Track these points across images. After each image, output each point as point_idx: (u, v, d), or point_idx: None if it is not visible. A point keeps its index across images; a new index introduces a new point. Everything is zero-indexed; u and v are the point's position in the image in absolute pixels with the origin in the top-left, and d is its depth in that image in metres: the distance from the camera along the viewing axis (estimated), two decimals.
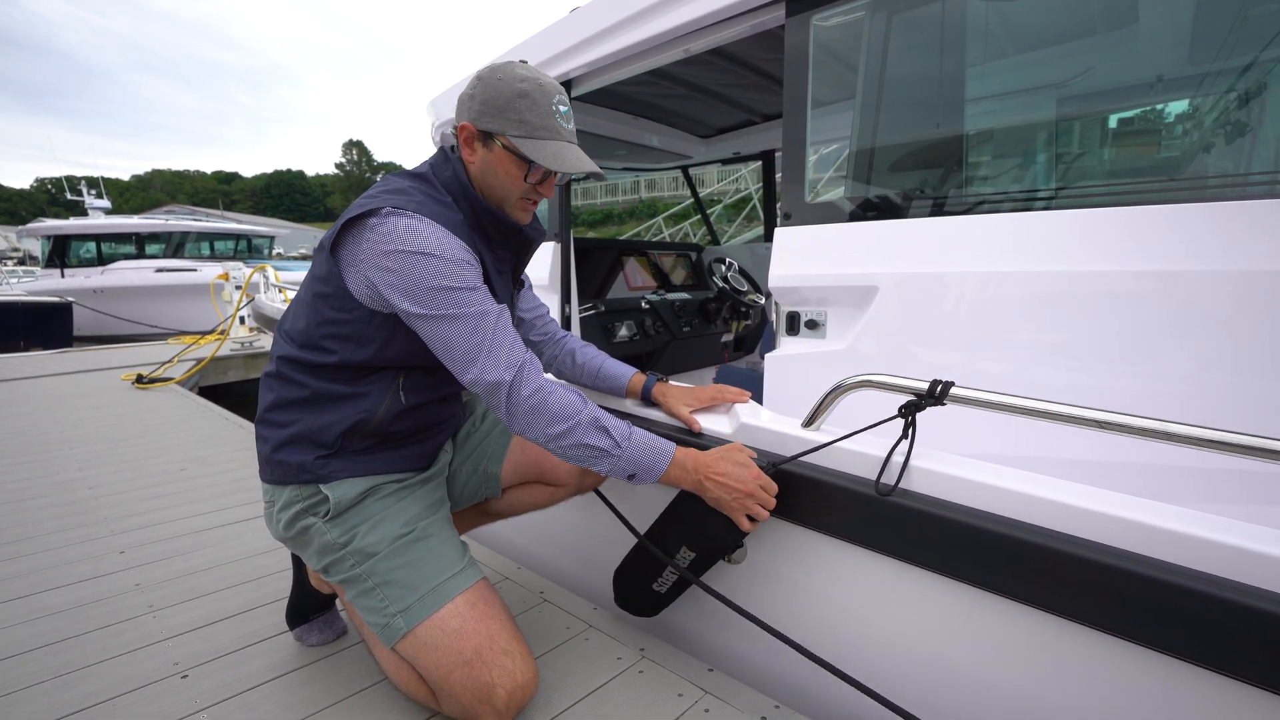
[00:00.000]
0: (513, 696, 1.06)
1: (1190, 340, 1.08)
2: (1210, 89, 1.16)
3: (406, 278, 1.02)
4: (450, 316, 1.03)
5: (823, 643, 1.18)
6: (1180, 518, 0.84)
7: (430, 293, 1.02)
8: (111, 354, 6.36)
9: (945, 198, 1.46)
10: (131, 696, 1.22)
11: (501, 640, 1.08)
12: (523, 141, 1.08)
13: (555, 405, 1.05)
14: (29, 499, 2.33)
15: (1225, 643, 0.76)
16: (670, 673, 1.26)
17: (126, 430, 3.38)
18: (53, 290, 11.85)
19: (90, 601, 1.59)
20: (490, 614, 1.11)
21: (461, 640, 1.05)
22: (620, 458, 1.07)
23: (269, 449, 1.14)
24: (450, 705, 1.07)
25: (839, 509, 1.12)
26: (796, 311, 1.63)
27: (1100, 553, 0.85)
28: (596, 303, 2.97)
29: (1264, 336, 1.01)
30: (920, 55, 1.48)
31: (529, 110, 1.08)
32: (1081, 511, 0.89)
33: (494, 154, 1.12)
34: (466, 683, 1.04)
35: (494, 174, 1.14)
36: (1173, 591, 0.79)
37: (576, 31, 2.11)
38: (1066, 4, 1.30)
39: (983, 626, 1.00)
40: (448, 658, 1.05)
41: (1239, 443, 0.80)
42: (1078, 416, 0.92)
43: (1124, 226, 1.15)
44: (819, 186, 1.69)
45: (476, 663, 1.04)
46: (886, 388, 1.09)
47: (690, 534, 1.21)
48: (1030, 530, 0.91)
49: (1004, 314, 1.26)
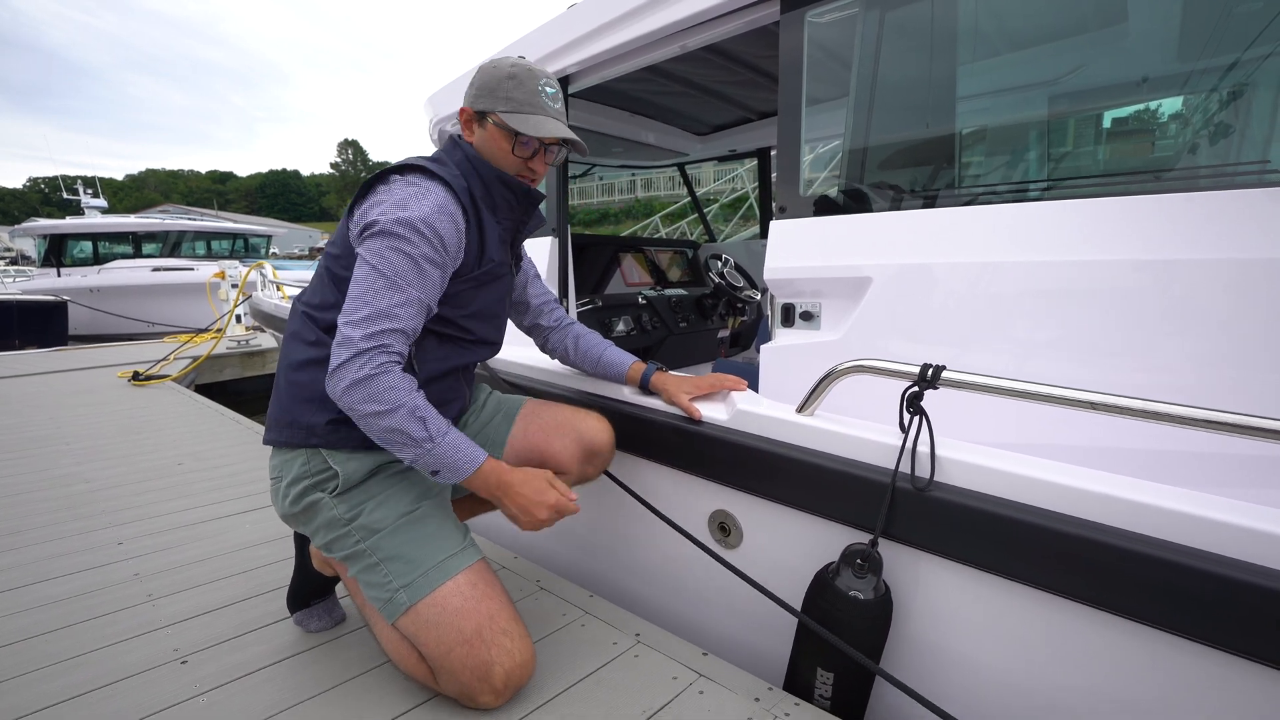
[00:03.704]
0: (510, 676, 1.08)
1: (1181, 328, 1.10)
2: (1197, 86, 1.18)
3: (380, 223, 1.08)
4: (373, 266, 1.07)
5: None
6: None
7: (382, 239, 1.08)
8: (107, 352, 6.34)
9: (937, 191, 1.48)
10: (131, 681, 1.23)
11: (501, 620, 1.10)
12: (509, 116, 1.19)
13: (381, 388, 1.04)
14: (24, 492, 2.33)
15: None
16: (665, 656, 1.28)
17: (123, 426, 3.38)
18: (49, 289, 11.80)
19: (89, 591, 1.60)
20: (491, 594, 1.13)
21: (462, 618, 1.07)
22: (428, 451, 1.07)
23: (280, 410, 1.17)
24: (448, 683, 1.09)
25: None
26: (791, 303, 1.65)
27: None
28: (594, 298, 2.99)
29: (1255, 324, 1.02)
30: (912, 51, 1.50)
31: (516, 89, 1.19)
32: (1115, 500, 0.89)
33: (487, 131, 1.22)
34: (466, 660, 1.06)
35: (489, 150, 1.23)
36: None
37: (574, 28, 2.12)
38: (1056, 2, 1.32)
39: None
40: (449, 635, 1.06)
41: (1230, 421, 0.81)
42: (1067, 398, 0.94)
43: (1113, 216, 1.17)
44: (814, 181, 1.71)
45: (476, 641, 1.06)
46: (879, 372, 1.11)
47: (820, 654, 1.15)
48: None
49: (995, 304, 1.28)
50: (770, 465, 1.25)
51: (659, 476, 1.48)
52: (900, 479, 1.06)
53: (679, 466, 1.44)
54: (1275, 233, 1.01)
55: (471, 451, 1.12)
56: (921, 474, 1.05)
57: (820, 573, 1.14)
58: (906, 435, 1.07)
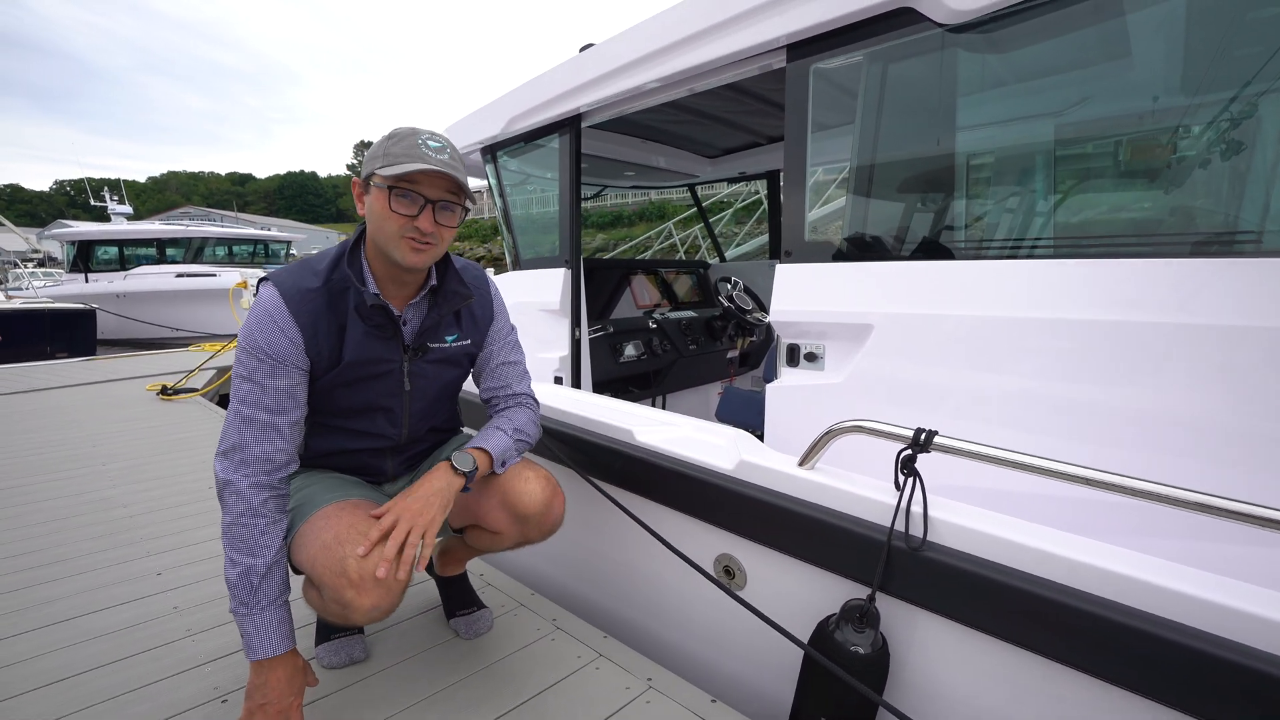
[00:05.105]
0: (363, 565, 1.08)
1: (1153, 387, 1.14)
2: (1197, 141, 1.22)
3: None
4: (234, 380, 1.19)
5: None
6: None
7: (235, 364, 1.20)
8: (136, 362, 6.55)
9: (937, 243, 1.52)
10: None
11: (361, 524, 1.15)
12: (384, 169, 1.13)
13: (239, 535, 1.15)
14: (67, 517, 2.45)
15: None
16: (675, 703, 1.34)
17: (155, 445, 3.52)
18: (77, 295, 12.16)
19: (132, 625, 1.69)
20: (355, 512, 1.19)
21: (324, 531, 1.14)
22: (237, 612, 1.16)
23: None
24: (325, 595, 1.12)
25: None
26: (796, 344, 1.70)
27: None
28: (605, 324, 3.05)
29: (1250, 385, 1.06)
30: (913, 106, 1.54)
31: (394, 145, 1.16)
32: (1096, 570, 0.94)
33: (372, 195, 1.17)
34: (327, 564, 1.10)
35: (375, 217, 1.18)
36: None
37: (586, 70, 2.18)
38: (1055, 60, 1.35)
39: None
40: (313, 547, 1.13)
41: (1219, 506, 0.85)
42: (1053, 470, 0.98)
43: (1105, 278, 1.21)
44: (819, 228, 1.76)
45: (334, 544, 1.11)
46: (875, 433, 1.16)
47: (823, 704, 1.19)
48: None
49: (992, 355, 1.33)
50: (772, 516, 1.31)
51: (666, 518, 1.54)
52: (895, 538, 1.12)
53: (685, 511, 1.50)
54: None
55: (265, 644, 1.16)
56: (915, 533, 1.10)
57: (821, 624, 1.20)
58: (901, 495, 1.12)
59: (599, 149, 3.18)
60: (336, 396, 1.28)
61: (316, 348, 1.20)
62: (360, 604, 1.09)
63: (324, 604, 1.15)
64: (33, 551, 2.13)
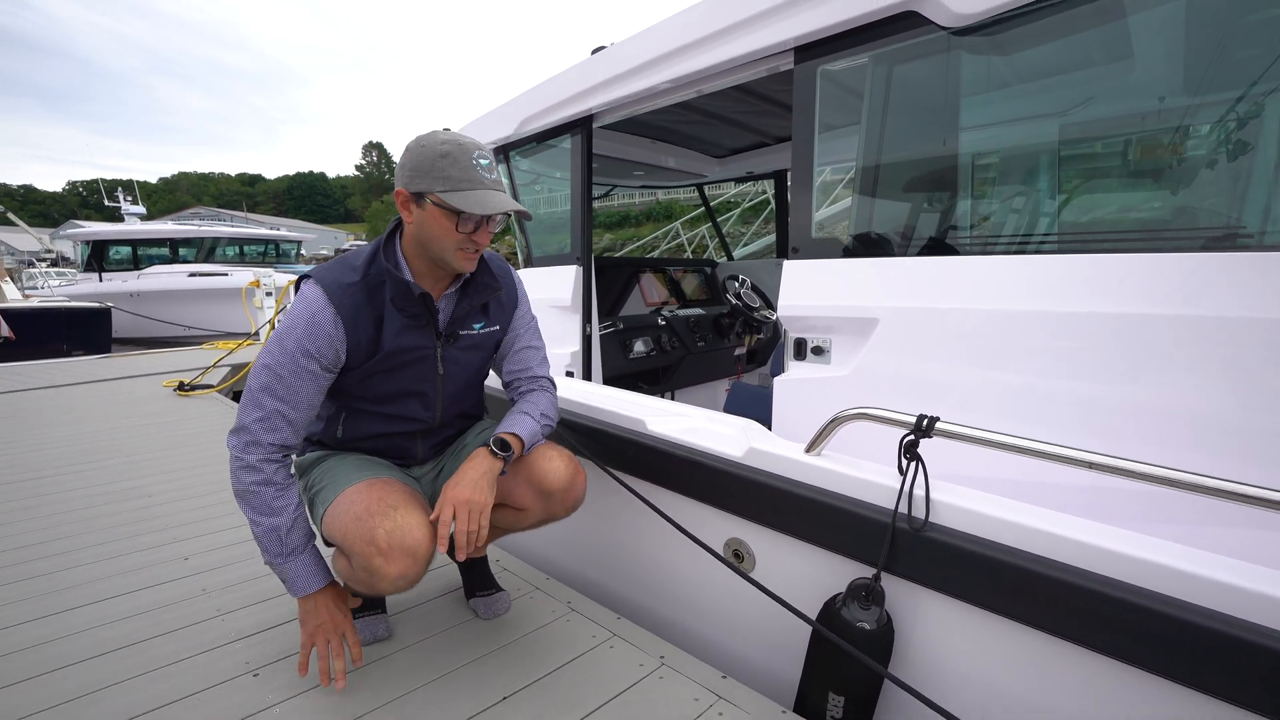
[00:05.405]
0: (392, 535, 1.18)
1: (1153, 377, 1.19)
2: (1200, 140, 1.26)
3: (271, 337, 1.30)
4: (259, 364, 1.27)
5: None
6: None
7: (263, 353, 1.29)
8: (152, 359, 6.66)
9: (941, 239, 1.57)
10: (209, 693, 1.38)
11: (390, 499, 1.24)
12: (448, 194, 1.21)
13: (256, 500, 1.26)
14: (100, 504, 2.54)
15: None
16: (687, 679, 1.39)
17: (175, 439, 3.61)
18: (92, 294, 12.34)
19: (163, 605, 1.77)
20: (386, 488, 1.28)
21: (356, 505, 1.23)
22: (273, 562, 1.30)
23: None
24: (356, 565, 1.22)
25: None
26: (804, 338, 1.75)
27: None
28: (615, 320, 3.11)
29: (1251, 378, 1.09)
30: (917, 107, 1.58)
31: (451, 167, 1.21)
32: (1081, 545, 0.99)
33: (426, 211, 1.25)
34: (359, 534, 1.19)
35: (429, 230, 1.27)
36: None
37: (598, 73, 2.24)
38: (1057, 61, 1.39)
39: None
40: (345, 519, 1.22)
41: (1218, 488, 0.90)
42: (1052, 454, 1.03)
43: (1107, 272, 1.26)
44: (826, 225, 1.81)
45: (366, 517, 1.20)
46: (879, 420, 1.21)
47: (831, 679, 1.25)
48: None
49: (994, 348, 1.38)
50: (781, 500, 1.36)
51: (677, 504, 1.59)
52: (899, 519, 1.17)
53: (696, 496, 1.56)
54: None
55: (308, 582, 1.31)
56: (918, 515, 1.16)
57: (829, 602, 1.25)
58: (904, 479, 1.18)
59: (609, 149, 3.24)
60: (375, 383, 1.37)
61: (356, 338, 1.29)
62: (388, 571, 1.18)
63: (353, 572, 1.24)
64: (66, 537, 2.21)
